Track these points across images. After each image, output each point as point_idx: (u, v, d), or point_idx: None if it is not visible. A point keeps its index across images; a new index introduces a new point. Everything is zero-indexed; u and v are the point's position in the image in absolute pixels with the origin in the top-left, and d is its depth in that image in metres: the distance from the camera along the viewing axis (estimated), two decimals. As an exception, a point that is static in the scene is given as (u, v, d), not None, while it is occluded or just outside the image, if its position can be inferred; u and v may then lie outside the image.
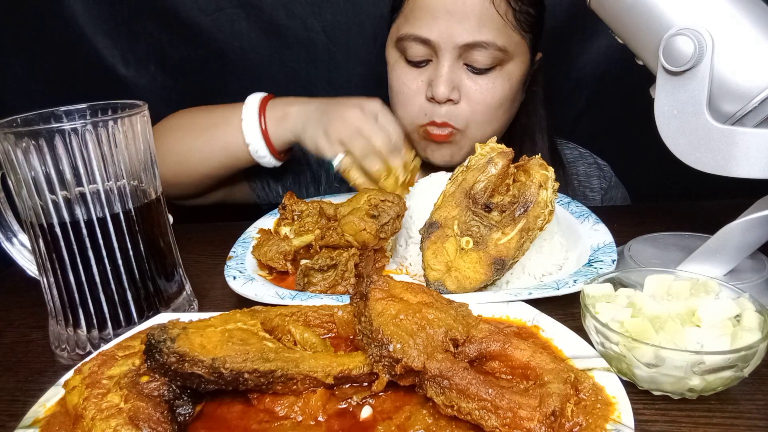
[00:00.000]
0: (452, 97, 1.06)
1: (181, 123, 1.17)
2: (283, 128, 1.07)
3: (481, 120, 1.09)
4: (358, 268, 0.65)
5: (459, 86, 1.06)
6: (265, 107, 1.08)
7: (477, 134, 1.11)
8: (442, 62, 1.04)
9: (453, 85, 1.05)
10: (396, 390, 0.57)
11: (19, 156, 0.64)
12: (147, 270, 0.73)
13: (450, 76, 1.04)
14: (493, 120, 1.11)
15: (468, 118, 1.08)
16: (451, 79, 1.05)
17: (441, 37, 1.02)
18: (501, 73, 1.07)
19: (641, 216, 1.05)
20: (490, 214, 0.80)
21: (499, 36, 1.03)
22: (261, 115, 1.07)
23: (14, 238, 0.77)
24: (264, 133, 1.07)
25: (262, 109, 1.08)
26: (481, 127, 1.10)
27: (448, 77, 1.04)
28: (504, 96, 1.09)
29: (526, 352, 0.57)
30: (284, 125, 1.06)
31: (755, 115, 0.69)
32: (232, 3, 1.39)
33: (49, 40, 1.41)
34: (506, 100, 1.10)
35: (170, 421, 0.52)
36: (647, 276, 0.68)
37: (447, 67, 1.04)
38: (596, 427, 0.51)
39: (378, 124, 0.99)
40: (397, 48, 1.10)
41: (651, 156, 1.03)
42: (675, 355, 0.55)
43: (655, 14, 0.71)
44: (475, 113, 1.08)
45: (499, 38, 1.03)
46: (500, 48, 1.03)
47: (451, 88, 1.05)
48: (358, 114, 0.99)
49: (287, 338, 0.63)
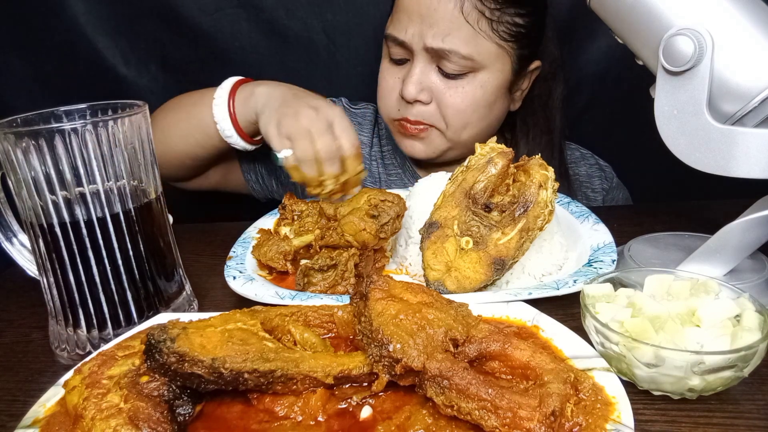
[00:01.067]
0: (421, 98, 1.09)
1: (169, 104, 1.18)
2: (247, 107, 1.06)
3: (454, 123, 1.12)
4: (358, 268, 0.65)
5: (430, 88, 1.09)
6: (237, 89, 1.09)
7: (454, 136, 1.13)
8: (415, 63, 1.09)
9: (423, 86, 1.09)
10: (396, 390, 0.57)
11: (19, 156, 0.64)
12: (147, 270, 0.73)
13: (420, 77, 1.09)
14: (470, 124, 1.13)
15: (437, 119, 1.12)
16: (420, 81, 1.09)
17: (413, 39, 1.07)
18: (473, 80, 1.09)
19: (641, 216, 1.05)
20: (490, 214, 0.80)
21: (467, 45, 1.04)
22: (231, 95, 1.07)
23: (14, 238, 0.77)
24: (231, 111, 1.07)
25: (234, 90, 1.08)
26: (456, 130, 1.13)
27: (418, 78, 1.08)
28: (475, 102, 1.10)
29: (526, 352, 0.57)
30: (249, 104, 1.06)
31: (755, 115, 0.69)
32: (232, 3, 1.39)
33: (49, 40, 1.41)
34: (479, 106, 1.11)
35: (170, 421, 0.52)
36: (647, 276, 0.68)
37: (418, 69, 1.08)
38: (596, 427, 0.51)
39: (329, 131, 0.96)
40: (385, 44, 1.15)
41: (651, 156, 1.03)
42: (675, 355, 0.55)
43: (655, 14, 0.71)
44: (446, 116, 1.11)
45: (466, 47, 1.04)
46: (466, 56, 1.05)
47: (420, 89, 1.09)
48: (312, 115, 0.96)
49: (287, 338, 0.63)
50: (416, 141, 1.16)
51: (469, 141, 1.15)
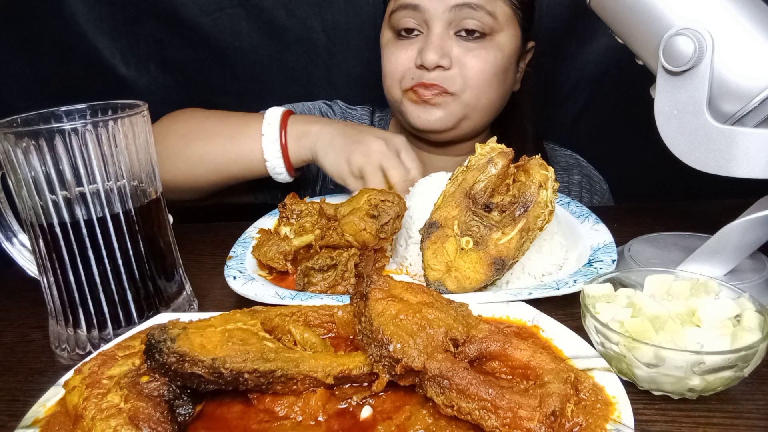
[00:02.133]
0: (442, 63, 1.06)
1: (189, 127, 1.13)
2: (302, 146, 1.05)
3: (474, 86, 1.09)
4: (358, 268, 0.65)
5: (450, 54, 1.07)
6: (286, 123, 1.07)
7: (472, 101, 1.11)
8: (433, 30, 1.07)
9: (443, 52, 1.06)
10: (396, 390, 0.57)
11: (19, 156, 0.64)
12: (147, 270, 0.73)
13: (440, 43, 1.06)
14: (488, 90, 1.11)
15: (461, 83, 1.09)
16: (441, 46, 1.06)
17: (432, 1, 1.05)
18: (492, 43, 1.09)
19: (641, 216, 1.05)
20: (490, 214, 0.80)
21: (490, 2, 1.05)
22: (282, 132, 1.05)
23: (14, 238, 0.77)
24: (284, 150, 1.05)
25: (283, 125, 1.06)
26: (475, 95, 1.11)
27: (438, 44, 1.06)
28: (497, 64, 1.10)
29: (526, 352, 0.57)
30: (303, 143, 1.05)
31: (755, 115, 0.69)
32: (232, 3, 1.40)
33: (49, 40, 1.42)
34: (499, 69, 1.11)
35: (170, 421, 0.52)
36: (647, 276, 0.68)
37: (437, 35, 1.06)
38: (596, 427, 0.51)
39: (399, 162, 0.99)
40: (389, 24, 1.13)
41: (651, 156, 1.03)
42: (675, 355, 0.55)
43: (655, 14, 0.71)
44: (467, 79, 1.09)
45: (489, 3, 1.05)
46: (490, 13, 1.05)
47: (441, 55, 1.06)
48: (382, 148, 0.99)
49: (287, 338, 0.63)
50: (432, 108, 1.12)
51: (483, 110, 1.14)
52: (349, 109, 1.36)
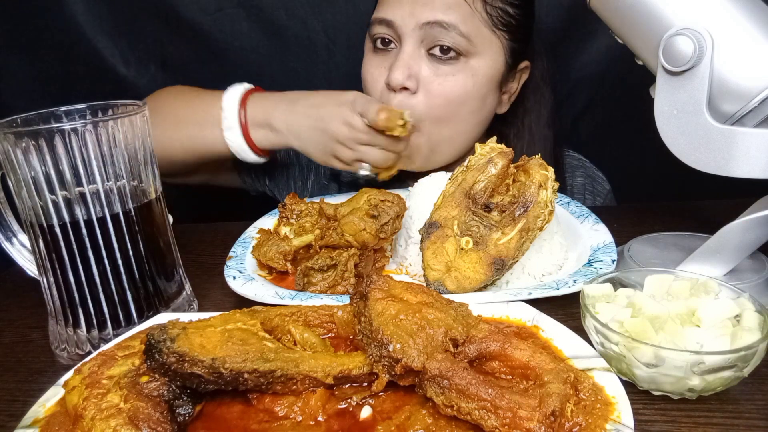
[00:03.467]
0: (408, 84, 1.02)
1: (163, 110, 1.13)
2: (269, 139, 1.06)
3: (437, 115, 1.04)
4: (358, 268, 0.65)
5: (418, 76, 1.02)
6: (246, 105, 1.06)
7: (433, 131, 1.05)
8: (404, 47, 1.02)
9: (411, 72, 1.02)
10: (396, 390, 0.57)
11: (19, 156, 0.64)
12: (147, 270, 0.73)
13: (408, 61, 1.02)
14: (454, 119, 1.06)
15: (423, 111, 1.03)
16: (409, 65, 1.01)
17: (404, 18, 1.01)
18: (465, 67, 1.03)
19: (641, 216, 1.05)
20: (490, 214, 0.80)
21: (464, 23, 1.00)
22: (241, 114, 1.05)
23: (14, 238, 0.77)
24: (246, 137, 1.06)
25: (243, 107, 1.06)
26: (437, 126, 1.05)
27: (406, 62, 1.01)
28: (465, 92, 1.04)
29: (525, 352, 0.57)
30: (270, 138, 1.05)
31: (755, 115, 0.69)
32: (232, 3, 1.39)
33: (49, 40, 1.41)
34: (469, 98, 1.05)
35: (170, 421, 0.52)
36: (647, 276, 0.68)
37: (407, 52, 1.02)
38: (596, 427, 0.51)
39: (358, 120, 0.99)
40: (369, 35, 1.10)
41: (651, 156, 1.03)
42: (675, 355, 0.55)
43: (655, 14, 0.71)
44: (431, 107, 1.03)
45: (463, 24, 1.00)
46: (463, 34, 1.00)
47: (408, 75, 1.01)
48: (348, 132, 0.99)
49: (287, 338, 0.63)
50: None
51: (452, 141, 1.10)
52: None
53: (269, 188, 1.33)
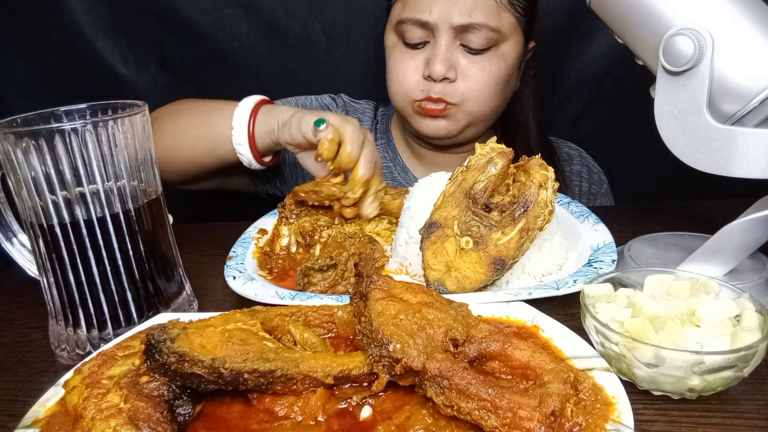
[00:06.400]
0: (448, 75, 1.10)
1: (179, 108, 1.18)
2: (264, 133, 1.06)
3: (478, 96, 1.13)
4: (358, 268, 0.65)
5: (455, 65, 1.11)
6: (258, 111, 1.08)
7: (475, 110, 1.15)
8: (439, 42, 1.10)
9: (450, 64, 1.10)
10: (396, 390, 0.57)
11: (19, 156, 0.64)
12: (147, 270, 0.73)
13: (447, 55, 1.10)
14: (491, 98, 1.15)
15: (464, 94, 1.12)
16: (447, 58, 1.10)
17: (438, 18, 1.08)
18: (496, 53, 1.12)
19: (641, 216, 1.05)
20: (490, 214, 0.80)
21: (492, 17, 1.08)
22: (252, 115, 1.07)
23: (14, 238, 0.77)
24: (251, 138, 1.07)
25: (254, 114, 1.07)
26: (478, 104, 1.14)
27: (445, 56, 1.09)
28: (500, 75, 1.13)
29: (526, 352, 0.57)
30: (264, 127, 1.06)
31: (755, 115, 0.69)
32: (231, 3, 1.40)
33: (49, 41, 1.42)
34: (502, 79, 1.14)
35: (170, 421, 0.52)
36: (647, 276, 0.68)
37: (444, 47, 1.09)
38: (596, 427, 0.51)
39: None
40: (395, 31, 1.15)
41: (651, 156, 1.03)
42: (675, 355, 0.55)
43: (655, 14, 0.71)
44: (472, 90, 1.12)
45: (492, 19, 1.08)
46: (493, 29, 1.08)
47: (448, 67, 1.10)
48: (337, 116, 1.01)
49: (287, 338, 0.63)
50: (438, 120, 1.16)
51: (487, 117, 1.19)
52: (352, 102, 1.37)
53: (279, 189, 1.34)
